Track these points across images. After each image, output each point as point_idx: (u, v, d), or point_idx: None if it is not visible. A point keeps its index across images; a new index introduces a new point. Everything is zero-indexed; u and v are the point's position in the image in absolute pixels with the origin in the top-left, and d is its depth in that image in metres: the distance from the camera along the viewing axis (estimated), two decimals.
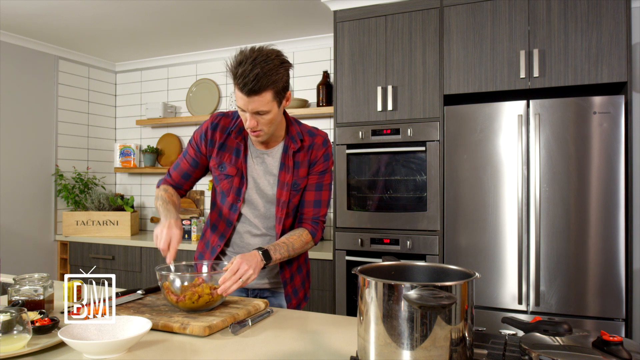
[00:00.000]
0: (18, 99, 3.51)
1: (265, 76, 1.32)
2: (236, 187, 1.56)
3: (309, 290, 1.73)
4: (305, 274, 1.70)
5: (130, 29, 3.36)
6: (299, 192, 1.57)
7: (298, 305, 1.65)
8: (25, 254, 3.53)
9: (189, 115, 3.97)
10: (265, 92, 1.34)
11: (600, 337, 0.81)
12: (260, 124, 1.41)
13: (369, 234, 2.68)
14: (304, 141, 1.56)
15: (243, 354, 1.05)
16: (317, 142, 1.58)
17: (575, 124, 2.28)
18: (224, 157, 1.57)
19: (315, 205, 1.59)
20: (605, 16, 2.28)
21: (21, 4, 2.90)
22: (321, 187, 1.59)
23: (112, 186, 4.27)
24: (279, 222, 1.56)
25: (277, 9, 2.97)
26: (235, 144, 1.56)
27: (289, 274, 1.62)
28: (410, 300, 0.78)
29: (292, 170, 1.54)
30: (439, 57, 2.57)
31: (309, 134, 1.58)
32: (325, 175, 1.60)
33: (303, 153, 1.56)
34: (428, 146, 2.56)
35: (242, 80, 1.32)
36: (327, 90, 3.31)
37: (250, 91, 1.32)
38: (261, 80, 1.31)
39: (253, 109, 1.37)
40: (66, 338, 0.98)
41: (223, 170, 1.57)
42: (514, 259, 2.36)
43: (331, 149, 1.62)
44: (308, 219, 1.60)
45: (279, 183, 1.54)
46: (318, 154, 1.57)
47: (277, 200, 1.55)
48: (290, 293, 1.62)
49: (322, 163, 1.58)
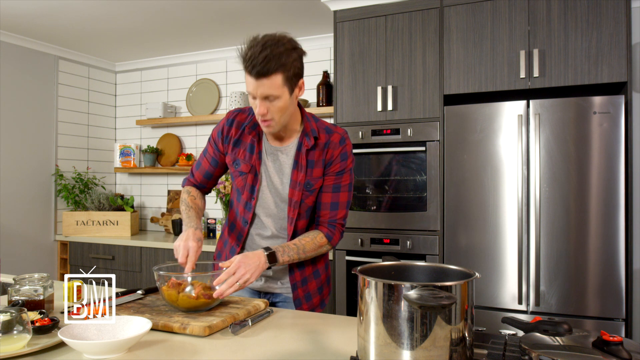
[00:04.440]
0: (18, 99, 3.51)
1: (275, 58, 1.27)
2: (250, 184, 1.51)
3: (328, 297, 1.65)
4: (324, 280, 1.63)
5: (130, 29, 3.36)
6: (312, 193, 1.49)
7: (312, 311, 1.56)
8: (25, 254, 3.53)
9: (189, 115, 3.97)
10: (274, 75, 1.28)
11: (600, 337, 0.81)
12: (271, 111, 1.34)
13: (369, 234, 2.68)
14: (319, 139, 1.48)
15: (243, 354, 1.05)
16: (334, 141, 1.48)
17: (575, 124, 2.28)
18: (238, 153, 1.52)
19: (332, 207, 1.51)
20: (605, 16, 2.28)
21: (21, 4, 2.90)
22: (339, 189, 1.51)
23: (112, 186, 4.27)
24: (290, 223, 1.50)
25: (277, 9, 2.97)
26: (250, 139, 1.51)
27: (300, 277, 1.56)
28: (410, 300, 0.78)
29: (305, 169, 1.47)
30: (439, 57, 2.57)
31: (325, 131, 1.49)
32: (343, 175, 1.51)
33: (318, 151, 1.48)
34: (428, 146, 2.56)
35: (250, 63, 1.27)
36: (327, 90, 3.31)
37: (259, 74, 1.27)
38: (270, 63, 1.26)
39: (262, 93, 1.30)
40: (66, 338, 0.98)
41: (237, 167, 1.52)
42: (514, 259, 2.36)
43: (350, 147, 1.52)
44: (324, 222, 1.52)
45: (292, 182, 1.48)
46: (334, 153, 1.48)
47: (289, 200, 1.48)
48: (301, 297, 1.56)
49: (338, 163, 1.49)
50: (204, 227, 3.52)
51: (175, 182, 4.04)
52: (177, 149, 4.02)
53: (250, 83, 1.31)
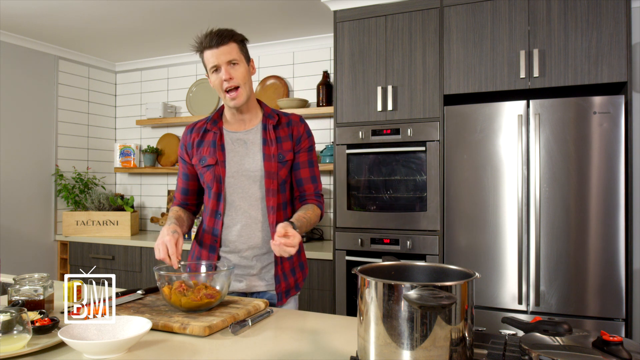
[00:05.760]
0: (18, 99, 3.51)
1: (227, 31, 1.50)
2: (218, 174, 1.58)
3: (302, 282, 1.69)
4: (296, 263, 1.67)
5: (130, 29, 3.36)
6: (285, 165, 1.59)
7: (287, 292, 1.61)
8: (25, 254, 3.53)
9: (189, 115, 3.97)
10: (230, 42, 1.49)
11: (600, 337, 0.81)
12: (235, 77, 1.50)
13: (369, 234, 2.68)
14: (281, 118, 1.64)
15: (243, 354, 1.05)
16: (294, 119, 1.65)
17: (575, 124, 2.28)
18: (203, 151, 1.62)
19: (313, 180, 1.65)
20: (605, 16, 2.28)
21: (21, 4, 2.90)
22: (312, 164, 1.66)
23: (112, 186, 4.27)
24: (273, 194, 1.56)
25: (277, 9, 2.97)
26: (212, 136, 1.62)
27: (281, 271, 1.61)
28: (410, 300, 0.78)
29: (275, 143, 1.59)
30: (439, 57, 2.57)
31: (282, 114, 1.66)
32: (313, 152, 1.67)
33: (282, 129, 1.62)
34: (428, 146, 2.56)
35: (208, 39, 1.49)
36: (327, 90, 3.31)
37: (218, 42, 1.47)
38: (224, 33, 1.49)
39: (225, 59, 1.48)
40: (66, 338, 0.98)
41: (204, 163, 1.60)
42: (514, 259, 2.36)
43: (309, 127, 1.69)
44: (311, 195, 1.64)
45: (265, 156, 1.57)
46: (300, 129, 1.63)
47: (267, 173, 1.56)
48: (279, 274, 1.60)
49: (307, 139, 1.65)
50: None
51: (175, 182, 4.04)
52: (177, 149, 4.02)
53: (212, 55, 1.49)
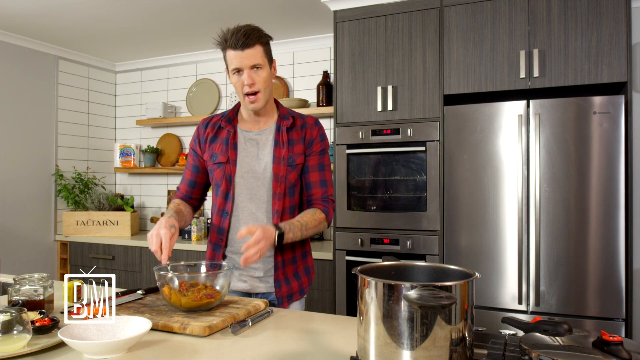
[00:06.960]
0: (18, 99, 3.51)
1: (254, 32, 1.46)
2: (228, 173, 1.57)
3: (308, 287, 1.65)
4: (301, 267, 1.63)
5: (130, 29, 3.36)
6: (294, 169, 1.56)
7: (290, 296, 1.58)
8: (25, 254, 3.53)
9: (189, 115, 3.97)
10: (257, 45, 1.46)
11: (600, 337, 0.81)
12: (257, 82, 1.47)
13: (369, 234, 2.68)
14: (296, 120, 1.60)
15: (243, 354, 1.05)
16: (309, 122, 1.61)
17: (575, 124, 2.28)
18: (215, 147, 1.60)
19: (322, 185, 1.60)
20: (605, 16, 2.28)
21: (21, 4, 2.90)
22: (324, 168, 1.61)
23: (112, 186, 4.27)
24: (279, 198, 1.54)
25: (277, 9, 2.97)
26: (225, 133, 1.60)
27: (280, 259, 1.57)
28: (410, 300, 0.78)
29: (286, 146, 1.56)
30: (439, 57, 2.57)
31: (299, 116, 1.62)
32: (325, 155, 1.63)
33: (296, 132, 1.59)
34: (428, 146, 2.56)
35: (234, 38, 1.44)
36: (327, 90, 3.31)
37: (244, 45, 1.43)
38: (251, 35, 1.44)
39: (249, 63, 1.45)
40: (66, 338, 0.98)
41: (215, 160, 1.59)
42: (514, 259, 2.36)
43: (324, 130, 1.64)
44: (318, 199, 1.60)
45: (275, 158, 1.55)
46: (313, 132, 1.60)
47: (275, 176, 1.54)
48: (281, 279, 1.57)
49: (319, 142, 1.61)
50: (203, 228, 3.52)
51: (175, 182, 4.04)
52: (177, 149, 4.02)
53: (236, 57, 1.46)
